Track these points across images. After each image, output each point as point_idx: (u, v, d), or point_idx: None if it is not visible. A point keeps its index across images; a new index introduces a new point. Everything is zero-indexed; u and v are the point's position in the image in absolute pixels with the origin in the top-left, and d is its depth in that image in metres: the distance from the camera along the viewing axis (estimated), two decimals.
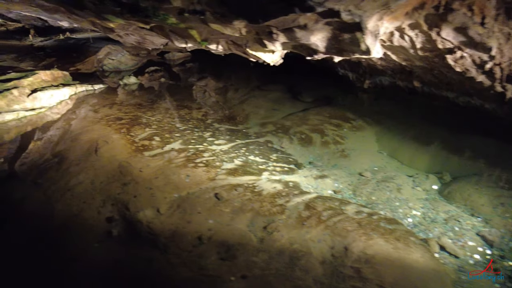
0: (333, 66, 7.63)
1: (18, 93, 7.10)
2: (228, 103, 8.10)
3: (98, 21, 5.11)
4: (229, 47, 5.24)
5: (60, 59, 12.49)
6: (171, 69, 11.83)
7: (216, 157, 5.03)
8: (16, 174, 4.93)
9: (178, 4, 3.54)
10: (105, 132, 5.84)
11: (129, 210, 3.96)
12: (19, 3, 5.27)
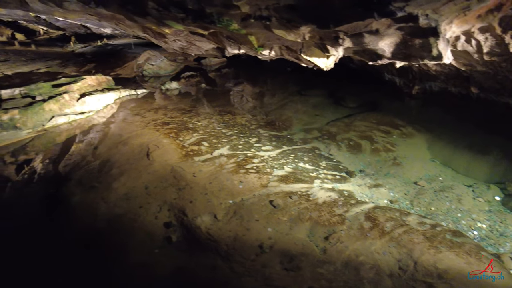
0: (379, 70, 7.44)
1: (69, 98, 7.39)
2: (265, 108, 8.07)
3: (154, 27, 5.23)
4: (282, 52, 5.22)
5: (99, 65, 12.97)
6: (207, 74, 11.97)
7: (266, 164, 5.00)
8: (72, 177, 5.07)
9: (246, 10, 3.55)
10: (155, 136, 5.94)
11: (186, 216, 3.98)
12: (76, 12, 5.48)
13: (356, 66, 8.33)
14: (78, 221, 4.15)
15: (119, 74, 11.49)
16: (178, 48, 7.31)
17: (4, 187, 5.02)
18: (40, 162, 5.66)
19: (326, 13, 3.21)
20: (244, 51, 5.63)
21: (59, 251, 3.69)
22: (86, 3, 4.71)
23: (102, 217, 4.16)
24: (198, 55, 9.96)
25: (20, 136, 6.47)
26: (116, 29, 9.48)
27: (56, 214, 4.34)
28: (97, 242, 3.80)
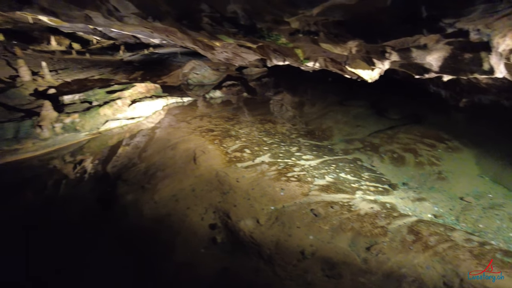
0: (424, 82, 7.29)
1: (121, 104, 7.95)
2: (305, 118, 8.14)
3: (205, 40, 5.57)
4: (326, 64, 5.33)
5: (147, 72, 13.71)
6: (247, 83, 12.26)
7: (306, 173, 5.09)
8: (125, 178, 5.45)
9: (295, 26, 3.73)
10: (200, 142, 6.25)
11: (230, 219, 4.17)
12: (133, 25, 5.95)
13: (400, 78, 8.19)
14: (131, 218, 4.47)
15: (165, 82, 12.10)
16: (223, 58, 7.65)
17: (63, 183, 5.51)
18: (95, 162, 6.14)
19: (374, 29, 3.29)
20: (288, 62, 5.80)
21: (112, 245, 4.02)
22: (144, 18, 5.12)
23: (153, 215, 4.45)
24: (240, 65, 10.28)
25: (79, 138, 7.07)
26: (165, 39, 10.06)
27: (111, 210, 4.70)
28: (147, 238, 4.08)
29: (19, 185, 5.53)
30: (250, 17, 3.89)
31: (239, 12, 3.85)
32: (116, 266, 3.70)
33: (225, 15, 4.00)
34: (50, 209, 4.86)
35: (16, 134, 6.47)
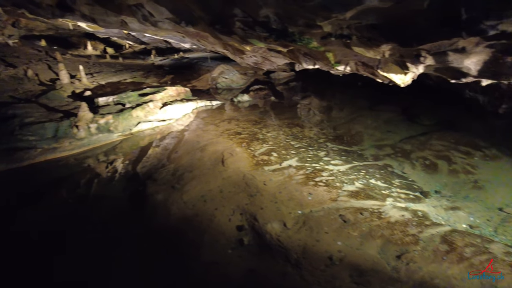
0: (459, 87, 7.03)
1: (153, 106, 8.20)
2: (334, 122, 8.05)
3: (236, 44, 5.67)
4: (357, 68, 5.27)
5: (177, 76, 14.06)
6: (275, 87, 12.29)
7: (335, 178, 5.03)
8: (155, 178, 5.60)
9: (328, 30, 3.73)
10: (228, 145, 6.33)
11: (257, 221, 4.18)
12: (167, 30, 6.16)
13: (433, 82, 7.94)
14: (160, 217, 4.58)
15: (195, 86, 12.37)
16: (252, 63, 7.73)
17: (96, 182, 5.73)
18: (127, 162, 6.34)
19: (409, 32, 3.22)
20: (318, 66, 5.78)
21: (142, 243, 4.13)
22: (178, 23, 5.28)
23: (182, 215, 4.54)
24: (268, 70, 10.33)
25: (112, 139, 7.35)
26: (195, 44, 10.30)
27: (141, 209, 4.84)
28: (176, 237, 4.17)
29: (56, 182, 5.81)
30: (282, 21, 3.92)
31: (271, 16, 3.89)
32: (145, 264, 3.79)
33: (257, 20, 4.05)
34: (83, 206, 5.07)
35: (55, 133, 6.82)
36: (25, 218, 4.78)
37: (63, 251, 4.04)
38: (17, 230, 4.50)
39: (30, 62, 13.62)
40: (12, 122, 6.89)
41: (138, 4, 5.20)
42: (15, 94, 9.47)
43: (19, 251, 4.04)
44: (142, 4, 5.17)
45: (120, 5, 5.73)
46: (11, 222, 4.69)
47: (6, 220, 4.72)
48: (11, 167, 6.25)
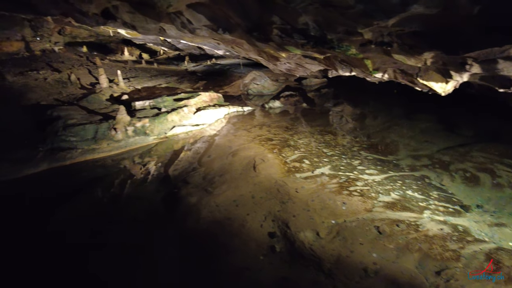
0: (505, 96, 6.65)
1: (187, 111, 8.40)
2: (367, 130, 7.86)
3: (272, 51, 5.72)
4: (395, 75, 5.14)
5: (209, 82, 14.32)
6: (306, 94, 12.22)
7: (370, 188, 4.91)
8: (189, 181, 5.70)
9: (368, 37, 3.68)
10: (260, 151, 6.36)
11: (289, 229, 4.15)
12: (203, 37, 6.31)
13: (475, 91, 7.58)
14: (193, 219, 4.64)
15: (226, 92, 12.54)
16: (285, 69, 7.74)
17: (132, 182, 5.93)
18: (161, 165, 6.52)
19: (456, 39, 3.10)
20: (355, 73, 5.69)
21: (175, 244, 4.21)
22: (215, 30, 5.40)
23: (214, 218, 4.59)
24: (301, 76, 10.30)
25: (148, 141, 7.59)
26: (229, 51, 10.47)
27: (175, 210, 4.94)
28: (209, 240, 4.22)
29: (94, 181, 6.08)
30: (321, 28, 3.91)
31: (310, 24, 3.89)
32: (177, 266, 3.85)
33: (295, 27, 4.06)
34: (119, 206, 5.26)
35: (95, 135, 7.15)
36: (62, 216, 5.03)
37: (96, 249, 4.19)
38: (53, 227, 4.73)
39: (72, 67, 14.39)
40: (56, 123, 7.29)
41: (177, 12, 5.37)
42: (59, 97, 10.03)
43: (54, 248, 4.24)
44: (181, 12, 5.33)
45: (159, 13, 5.94)
46: (48, 219, 4.94)
47: (45, 217, 4.97)
48: (54, 166, 6.61)
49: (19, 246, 4.30)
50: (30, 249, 4.24)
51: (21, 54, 14.91)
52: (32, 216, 5.01)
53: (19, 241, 4.41)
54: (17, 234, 4.57)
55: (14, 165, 6.36)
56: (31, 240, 4.42)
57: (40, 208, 5.23)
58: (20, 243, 4.36)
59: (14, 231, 4.64)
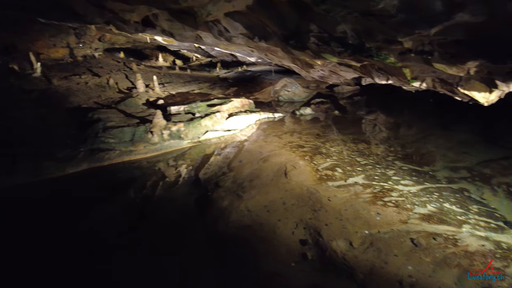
0: None
1: (220, 116, 8.58)
2: (402, 140, 7.66)
3: (307, 59, 5.76)
4: (434, 84, 5.01)
5: (240, 89, 14.52)
6: (338, 101, 12.09)
7: (405, 199, 4.79)
8: (221, 184, 5.80)
9: (408, 45, 3.64)
10: (291, 157, 6.37)
11: (321, 237, 4.13)
12: (238, 45, 6.45)
13: None
14: (225, 222, 4.73)
15: (257, 98, 12.67)
16: (317, 76, 7.73)
17: (166, 184, 6.13)
18: (194, 168, 6.70)
19: (503, 48, 2.99)
20: (392, 82, 5.60)
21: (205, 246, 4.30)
22: (251, 38, 5.52)
23: (246, 222, 4.65)
24: (333, 83, 10.23)
25: (182, 145, 7.82)
26: (261, 58, 10.60)
27: (207, 213, 5.05)
28: (240, 243, 4.28)
29: (129, 181, 6.35)
30: (360, 37, 3.90)
31: (348, 32, 3.89)
32: (210, 269, 3.93)
33: (333, 35, 4.08)
34: (153, 206, 5.45)
35: (132, 137, 7.46)
36: (99, 213, 5.29)
37: (129, 247, 4.36)
38: (90, 224, 4.98)
39: (111, 72, 15.08)
40: (97, 125, 7.67)
41: (215, 20, 5.54)
42: (99, 100, 10.56)
43: (87, 245, 4.45)
44: (219, 20, 5.50)
45: (197, 21, 6.15)
46: (86, 216, 5.20)
47: (83, 214, 5.23)
48: (93, 165, 6.96)
49: (56, 241, 4.55)
50: (65, 245, 4.48)
51: (65, 60, 15.85)
52: (71, 212, 5.29)
53: (56, 237, 4.66)
54: (56, 229, 4.84)
55: (58, 164, 6.76)
56: (67, 236, 4.68)
57: (79, 205, 5.51)
58: (56, 239, 4.61)
59: (53, 227, 4.91)
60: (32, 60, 12.71)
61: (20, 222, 5.10)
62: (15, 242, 4.59)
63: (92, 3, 6.64)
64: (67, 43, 15.79)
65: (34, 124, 8.25)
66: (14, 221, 5.11)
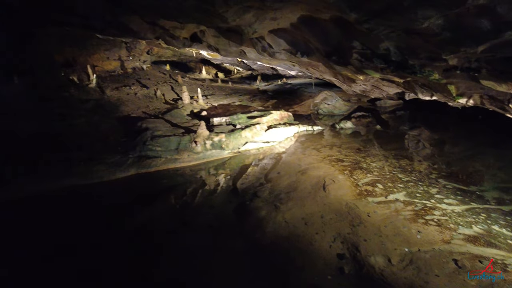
0: None
1: (259, 128, 8.79)
2: (447, 158, 7.37)
3: (349, 74, 5.83)
4: (482, 101, 4.85)
5: (279, 101, 14.71)
6: (379, 115, 11.87)
7: (449, 218, 4.63)
8: (259, 195, 5.94)
9: (453, 63, 3.61)
10: (330, 171, 6.39)
11: (359, 252, 4.11)
12: (280, 60, 6.65)
13: None
14: (262, 232, 4.82)
15: (296, 111, 12.78)
16: (359, 91, 7.71)
17: (206, 192, 6.36)
18: (234, 177, 6.90)
19: None
20: (436, 98, 5.48)
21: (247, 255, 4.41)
22: (293, 54, 5.70)
23: (283, 233, 4.72)
24: (375, 97, 10.09)
25: (223, 155, 8.11)
26: (302, 71, 10.74)
27: (246, 222, 5.18)
28: (278, 254, 4.35)
29: (173, 188, 6.68)
30: (403, 54, 3.92)
31: (391, 49, 3.93)
32: (247, 275, 4.04)
33: (376, 52, 4.14)
34: (194, 212, 5.68)
35: (177, 146, 7.87)
36: (143, 217, 5.59)
37: (171, 250, 4.56)
38: (135, 226, 5.26)
39: (158, 83, 15.97)
40: (145, 134, 8.19)
41: (259, 37, 5.80)
42: (147, 110, 11.23)
43: (132, 244, 4.73)
44: (263, 37, 5.74)
45: (242, 38, 6.45)
46: (132, 218, 5.51)
47: (130, 217, 5.56)
48: (140, 171, 7.41)
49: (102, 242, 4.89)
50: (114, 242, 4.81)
51: (117, 71, 17.05)
52: (119, 214, 5.67)
53: (103, 238, 5.00)
54: (103, 231, 5.18)
55: (109, 168, 7.29)
56: (115, 235, 5.02)
57: (126, 207, 5.89)
58: (103, 240, 4.94)
59: (101, 228, 5.27)
60: (89, 72, 13.83)
61: (71, 218, 5.56)
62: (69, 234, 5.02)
63: (146, 21, 7.20)
64: (119, 56, 16.98)
65: (89, 131, 8.97)
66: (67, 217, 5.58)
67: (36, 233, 5.08)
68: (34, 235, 5.02)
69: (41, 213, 5.71)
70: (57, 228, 5.22)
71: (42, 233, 5.08)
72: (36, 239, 4.92)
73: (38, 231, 5.15)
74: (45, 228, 5.23)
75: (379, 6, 3.49)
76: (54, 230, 5.14)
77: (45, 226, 5.27)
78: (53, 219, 5.48)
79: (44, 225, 5.31)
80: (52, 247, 4.70)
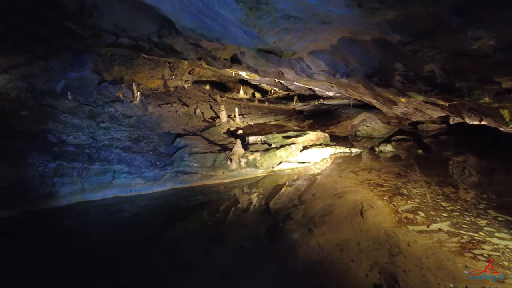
0: None
1: (295, 148, 8.72)
2: (497, 187, 6.80)
3: (390, 96, 5.68)
4: None
5: (315, 122, 14.58)
6: (421, 139, 11.35)
7: (501, 254, 4.23)
8: (292, 216, 5.82)
9: (507, 85, 3.39)
10: (368, 196, 6.14)
11: (398, 284, 3.85)
12: (319, 81, 6.63)
13: None
14: (296, 256, 4.68)
15: (333, 132, 12.59)
16: (400, 113, 7.46)
17: (239, 210, 6.33)
18: (268, 197, 6.83)
19: None
20: (485, 123, 5.14)
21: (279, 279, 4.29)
22: (332, 75, 5.65)
23: (317, 258, 4.54)
24: (417, 120, 9.69)
25: (257, 174, 8.10)
26: (340, 92, 10.61)
27: (278, 244, 5.07)
28: (313, 280, 4.19)
29: (206, 204, 6.75)
30: (449, 76, 3.74)
31: (436, 72, 3.78)
32: None
33: (420, 74, 3.99)
34: (227, 229, 5.65)
35: (213, 163, 7.99)
36: (176, 232, 5.64)
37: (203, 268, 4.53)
38: (168, 241, 5.31)
39: (197, 102, 16.48)
40: (183, 150, 8.41)
41: (298, 58, 5.83)
42: (186, 127, 11.57)
43: (165, 259, 4.75)
44: (302, 58, 5.77)
45: (281, 59, 6.53)
46: (163, 234, 5.57)
47: (160, 232, 5.64)
48: (176, 186, 7.59)
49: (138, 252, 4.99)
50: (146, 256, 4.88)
51: (159, 90, 17.85)
52: (152, 228, 5.79)
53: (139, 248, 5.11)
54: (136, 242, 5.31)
55: (147, 182, 7.54)
56: (148, 248, 5.10)
57: (160, 222, 6.02)
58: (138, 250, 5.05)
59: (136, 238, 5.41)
60: (134, 90, 14.58)
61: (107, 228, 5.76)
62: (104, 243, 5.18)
63: (190, 43, 7.52)
64: (162, 75, 17.81)
65: (130, 146, 9.37)
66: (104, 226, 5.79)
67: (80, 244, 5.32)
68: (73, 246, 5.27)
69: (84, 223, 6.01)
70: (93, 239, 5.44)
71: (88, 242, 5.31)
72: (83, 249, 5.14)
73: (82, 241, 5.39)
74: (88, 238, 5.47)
75: (424, 27, 3.38)
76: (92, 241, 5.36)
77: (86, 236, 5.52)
78: (93, 229, 5.73)
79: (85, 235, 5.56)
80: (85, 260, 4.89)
